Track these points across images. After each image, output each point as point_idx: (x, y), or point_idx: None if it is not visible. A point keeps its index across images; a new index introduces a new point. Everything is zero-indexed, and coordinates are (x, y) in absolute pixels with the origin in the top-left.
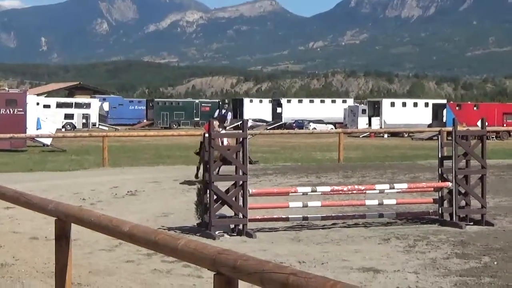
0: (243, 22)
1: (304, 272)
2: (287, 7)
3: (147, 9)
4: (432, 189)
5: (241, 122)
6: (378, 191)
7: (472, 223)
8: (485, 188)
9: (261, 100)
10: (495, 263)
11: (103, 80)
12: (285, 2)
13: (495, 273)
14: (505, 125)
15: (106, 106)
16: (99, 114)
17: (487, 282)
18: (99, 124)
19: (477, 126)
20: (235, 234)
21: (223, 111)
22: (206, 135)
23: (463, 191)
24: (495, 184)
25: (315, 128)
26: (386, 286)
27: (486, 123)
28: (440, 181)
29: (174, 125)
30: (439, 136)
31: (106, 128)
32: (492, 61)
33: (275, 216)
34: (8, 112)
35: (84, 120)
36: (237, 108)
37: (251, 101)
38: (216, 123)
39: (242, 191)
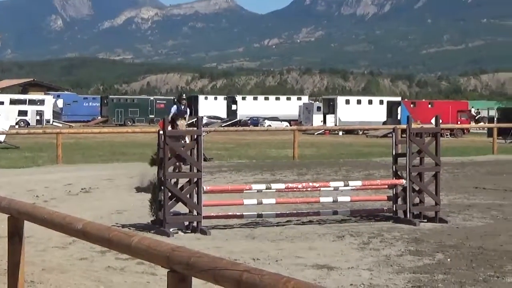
0: (198, 19)
1: (258, 269)
2: (242, 4)
3: (101, 5)
4: (386, 186)
5: (195, 119)
6: (332, 189)
7: (426, 220)
8: (439, 186)
9: (216, 97)
10: (449, 260)
11: (58, 77)
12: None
13: (449, 270)
14: (459, 122)
15: (60, 103)
16: (53, 111)
17: (440, 279)
18: (53, 121)
19: (432, 123)
20: (190, 231)
21: (182, 106)
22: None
23: (417, 189)
24: (449, 181)
25: (270, 125)
26: (340, 283)
27: (440, 121)
28: (394, 178)
29: (128, 122)
30: (394, 133)
31: (60, 125)
32: (447, 59)
33: (229, 213)
34: None
35: (38, 117)
36: (192, 105)
37: (206, 98)
38: (182, 121)
39: (196, 188)
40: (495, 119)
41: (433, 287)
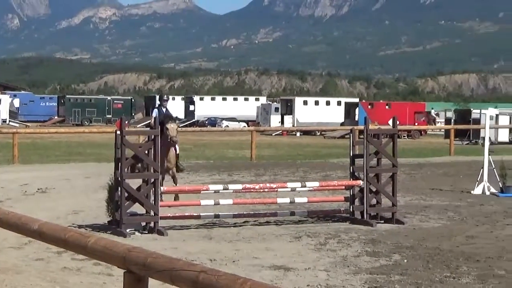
0: (156, 19)
1: (214, 270)
2: (201, 4)
3: (59, 5)
4: (344, 187)
5: (153, 119)
6: (289, 189)
7: (382, 221)
8: (396, 187)
9: (174, 98)
10: (405, 261)
11: (14, 76)
12: (198, 0)
13: (405, 270)
14: (416, 124)
15: (16, 103)
16: (10, 111)
17: (397, 279)
18: (9, 121)
19: (389, 125)
20: (147, 232)
21: (164, 109)
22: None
23: (374, 190)
24: (406, 182)
25: (227, 126)
26: (296, 284)
27: (398, 122)
28: (351, 179)
29: (85, 122)
30: (351, 134)
31: (17, 125)
32: (404, 61)
33: (186, 214)
34: None
35: None
36: (150, 106)
37: None
38: (173, 125)
39: (153, 188)
40: (452, 120)
41: None
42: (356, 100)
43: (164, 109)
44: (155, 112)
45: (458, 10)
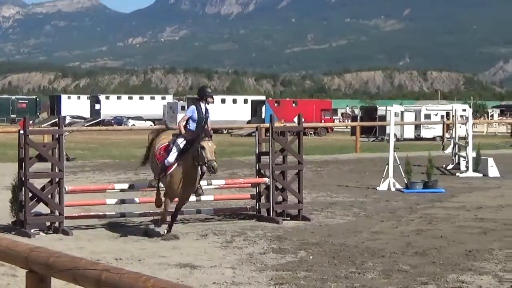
0: (61, 18)
1: (117, 268)
2: (106, 3)
3: None
4: (250, 185)
5: (57, 119)
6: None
7: (289, 218)
8: (302, 184)
9: (79, 97)
10: (311, 257)
11: None
12: None
13: (311, 267)
14: (323, 121)
15: None
16: None
17: (302, 276)
18: None
19: (295, 122)
20: (52, 232)
21: (204, 108)
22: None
23: (280, 187)
24: (312, 179)
25: (134, 125)
26: (203, 282)
27: (303, 120)
28: (257, 177)
29: None
30: (257, 132)
31: None
32: (311, 58)
33: (92, 213)
34: None
35: None
36: (55, 105)
37: (69, 97)
38: (209, 143)
39: (58, 188)
40: (358, 117)
41: (296, 284)
42: (263, 98)
43: (204, 109)
44: (191, 111)
45: (364, 8)
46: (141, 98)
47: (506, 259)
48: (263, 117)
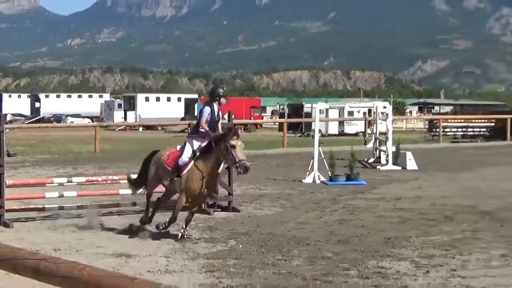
0: (2, 20)
1: (55, 258)
2: (45, 5)
3: None
4: None
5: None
6: None
7: (219, 210)
8: (232, 177)
9: (20, 95)
10: (240, 246)
11: None
12: (43, 1)
13: (240, 255)
14: (252, 118)
15: None
16: None
17: (232, 263)
18: None
19: (225, 119)
20: None
21: (216, 108)
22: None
23: None
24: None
25: (72, 122)
26: (137, 270)
27: (233, 116)
28: None
29: None
30: (189, 128)
31: None
32: (241, 59)
33: (31, 206)
34: None
35: None
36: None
37: (9, 96)
38: (239, 142)
39: None
40: (286, 114)
41: (226, 272)
42: (196, 96)
43: (216, 109)
44: (207, 112)
45: (292, 11)
46: (79, 96)
47: (422, 246)
48: (195, 114)
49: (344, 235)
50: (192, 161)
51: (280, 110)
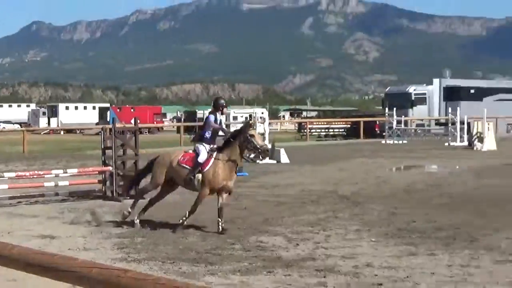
0: None
1: None
2: None
3: None
4: (97, 172)
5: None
6: (54, 175)
7: (128, 198)
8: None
9: None
10: (147, 227)
11: None
12: None
13: (146, 234)
14: (155, 123)
15: None
16: None
17: (139, 241)
18: None
19: (132, 124)
20: None
21: (220, 117)
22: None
23: (121, 173)
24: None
25: (4, 127)
26: (60, 249)
27: (139, 122)
28: (103, 166)
29: None
30: (102, 132)
31: None
32: (145, 74)
33: None
34: None
35: None
36: None
37: None
38: (256, 132)
39: None
40: (182, 119)
41: (134, 248)
42: (108, 105)
43: (220, 117)
44: (213, 120)
45: (188, 35)
46: (10, 106)
47: (293, 224)
48: (108, 120)
49: (229, 217)
50: (213, 157)
51: (180, 116)
